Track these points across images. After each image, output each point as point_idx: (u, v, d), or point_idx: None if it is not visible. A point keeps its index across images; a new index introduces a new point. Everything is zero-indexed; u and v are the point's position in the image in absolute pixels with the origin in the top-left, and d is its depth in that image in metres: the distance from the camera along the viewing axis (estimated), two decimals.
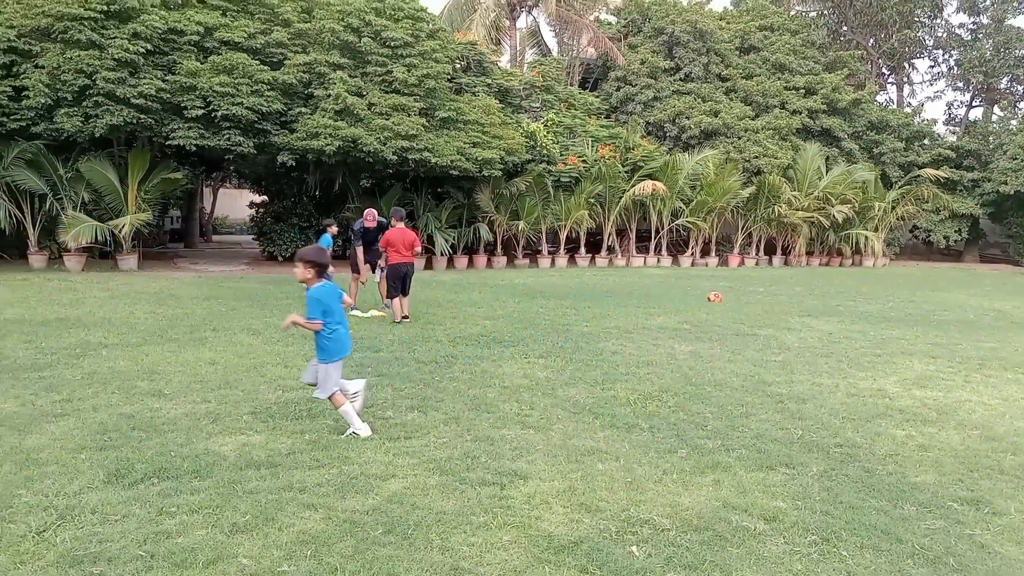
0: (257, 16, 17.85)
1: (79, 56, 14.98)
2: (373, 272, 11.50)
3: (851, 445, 5.37)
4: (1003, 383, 7.63)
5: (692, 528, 3.88)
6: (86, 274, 15.59)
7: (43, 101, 15.13)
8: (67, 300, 11.40)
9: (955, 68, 37.23)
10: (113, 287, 13.33)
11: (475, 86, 21.06)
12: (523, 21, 31.47)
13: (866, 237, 27.59)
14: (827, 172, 26.99)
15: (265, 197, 23.45)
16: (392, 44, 17.79)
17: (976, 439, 5.65)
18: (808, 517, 4.06)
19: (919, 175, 28.89)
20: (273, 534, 3.63)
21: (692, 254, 25.77)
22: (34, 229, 16.69)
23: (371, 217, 11.18)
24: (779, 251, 27.86)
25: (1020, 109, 35.07)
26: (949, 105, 42.58)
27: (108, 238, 16.57)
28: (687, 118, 25.82)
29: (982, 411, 6.48)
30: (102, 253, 17.28)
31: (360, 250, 11.15)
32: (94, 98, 15.17)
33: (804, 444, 5.34)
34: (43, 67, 15.25)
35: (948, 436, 5.70)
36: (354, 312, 10.77)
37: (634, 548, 3.64)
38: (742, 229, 26.72)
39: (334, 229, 11.98)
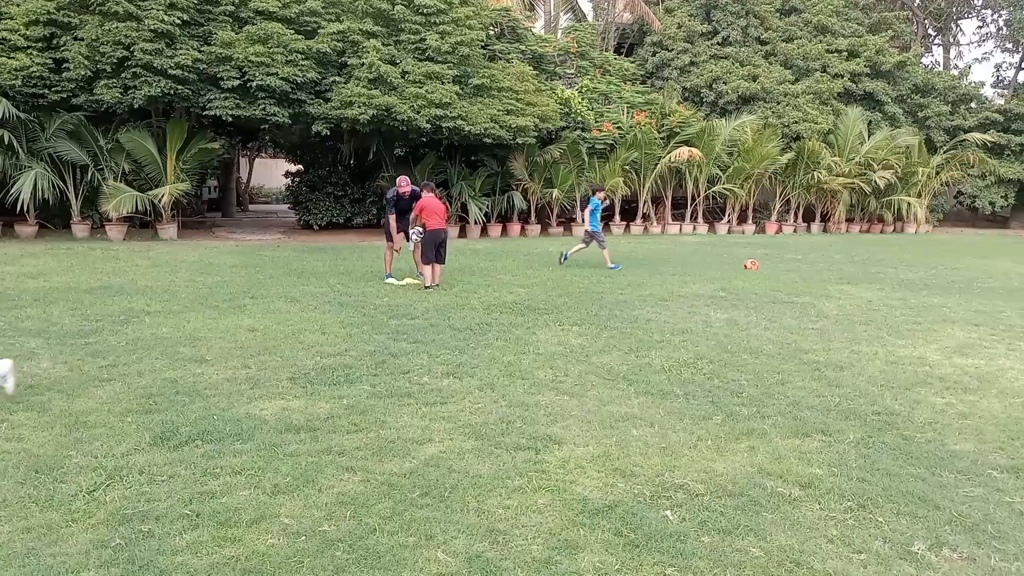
0: None
1: (117, 28, 15.13)
2: (407, 240, 11.53)
3: (889, 413, 5.31)
4: None
5: (726, 493, 3.89)
6: (128, 243, 15.90)
7: (83, 73, 15.33)
8: (110, 269, 11.65)
9: (1004, 29, 35.91)
10: (154, 256, 13.58)
11: (509, 53, 20.87)
12: None
13: (908, 203, 26.97)
14: (869, 137, 26.35)
15: (300, 167, 23.59)
16: (425, 11, 17.67)
17: (1018, 407, 5.55)
18: (844, 484, 4.05)
19: (965, 139, 28.08)
20: (313, 495, 3.72)
21: (728, 221, 25.44)
22: (76, 199, 17.00)
23: (404, 183, 11.18)
24: (818, 218, 27.35)
25: None
26: (998, 67, 41.15)
27: (148, 208, 16.83)
28: (724, 83, 25.34)
29: None
30: (142, 222, 17.57)
31: (393, 218, 11.16)
32: (132, 69, 15.34)
33: (841, 411, 5.30)
34: (82, 39, 15.43)
35: (989, 404, 5.61)
36: (389, 280, 10.87)
37: (668, 512, 3.66)
38: (780, 196, 26.28)
39: (600, 195, 14.11)
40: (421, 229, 10.66)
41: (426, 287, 10.24)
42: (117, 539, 3.25)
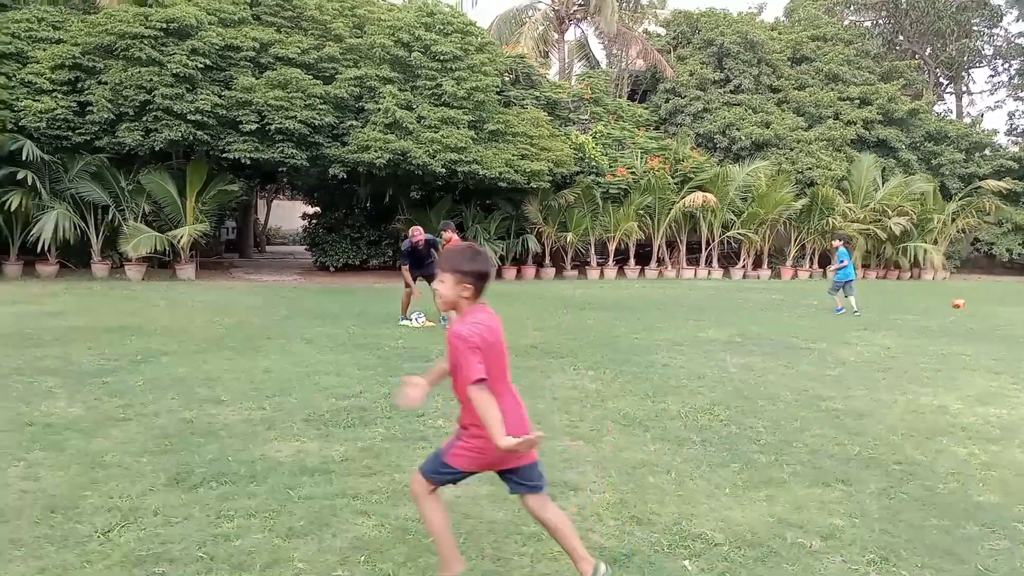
0: (310, 32, 18.27)
1: (140, 72, 15.51)
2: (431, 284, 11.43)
3: (911, 462, 5.23)
4: None
5: (746, 543, 3.82)
6: (146, 283, 16.05)
7: (106, 116, 15.68)
8: (129, 308, 11.74)
9: (1016, 77, 36.19)
10: (172, 296, 13.69)
11: (524, 98, 21.19)
12: (571, 34, 31.58)
13: (925, 250, 26.90)
14: (883, 183, 26.42)
15: (317, 208, 23.87)
16: (442, 58, 18.01)
17: None
18: (866, 535, 3.97)
19: (980, 187, 28.08)
20: (328, 539, 3.69)
21: (743, 266, 25.43)
22: (97, 239, 17.24)
23: (418, 233, 11.13)
24: (833, 263, 27.32)
25: None
26: (1011, 115, 41.32)
27: (167, 248, 17.04)
28: (737, 129, 25.55)
29: None
30: (161, 263, 17.78)
31: (406, 268, 11.10)
32: (154, 113, 15.68)
33: (861, 460, 5.22)
34: (106, 83, 15.81)
35: (1013, 454, 5.52)
36: (404, 322, 10.89)
37: (686, 562, 3.60)
38: (795, 241, 26.29)
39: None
40: None
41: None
42: None
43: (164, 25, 15.63)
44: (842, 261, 14.68)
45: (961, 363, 9.25)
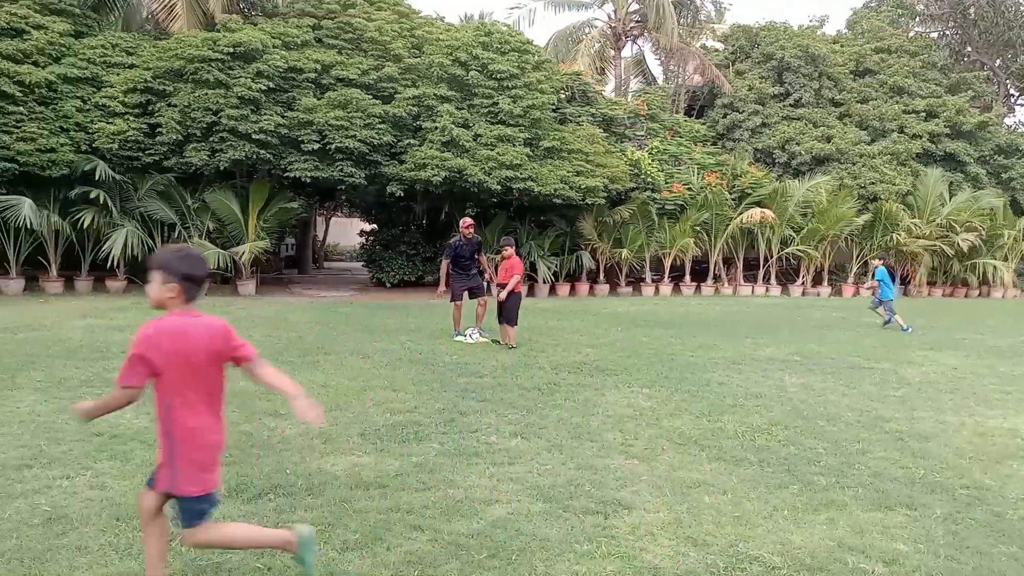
0: (370, 53, 18.63)
1: (207, 95, 16.03)
2: (470, 298, 11.37)
3: (979, 487, 5.05)
4: None
5: (805, 568, 3.73)
6: (208, 298, 16.48)
7: (174, 137, 16.23)
8: None
9: None
10: (233, 311, 14.04)
11: (579, 115, 21.21)
12: (628, 50, 31.54)
13: (995, 267, 25.98)
14: (951, 199, 25.64)
15: (375, 225, 24.23)
16: (498, 76, 18.16)
17: None
18: (931, 561, 3.84)
19: None
20: (382, 553, 3.72)
21: (803, 283, 24.92)
22: None
23: (465, 225, 11.11)
24: (898, 281, 26.56)
25: None
26: None
27: (229, 264, 17.50)
28: (797, 144, 25.12)
29: None
30: (223, 279, 18.25)
31: (447, 262, 11.12)
32: (220, 134, 16.18)
33: (927, 484, 5.06)
34: (175, 105, 16.38)
35: None
36: (458, 338, 10.95)
37: None
38: (857, 258, 25.66)
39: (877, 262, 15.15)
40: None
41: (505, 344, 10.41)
42: None
43: (231, 49, 16.16)
44: (880, 280, 14.69)
45: None
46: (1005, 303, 24.77)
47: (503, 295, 10.44)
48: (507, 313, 10.51)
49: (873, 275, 15.23)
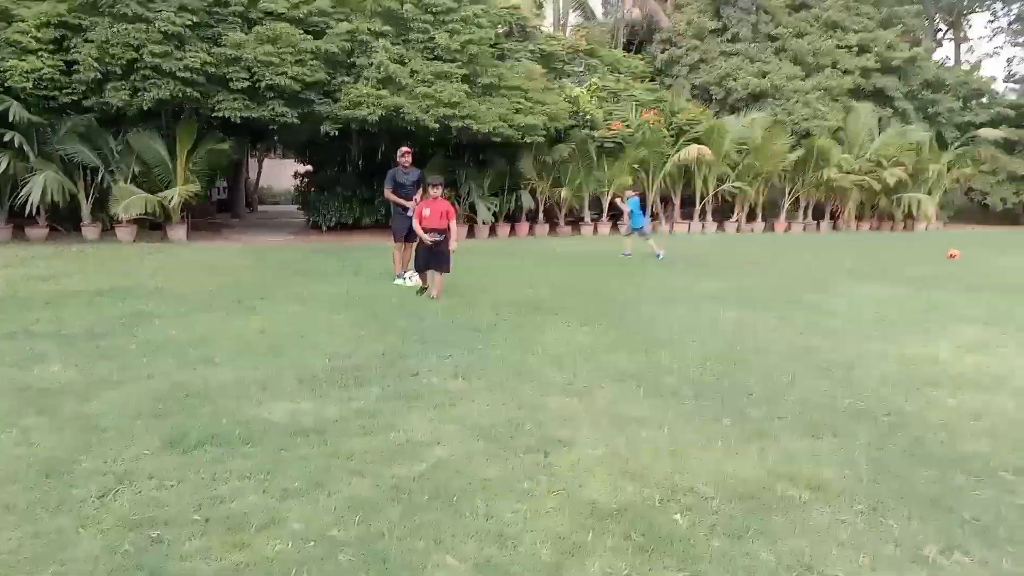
0: None
1: (127, 30, 15.20)
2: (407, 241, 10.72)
3: (901, 413, 5.28)
4: None
5: (736, 497, 3.86)
6: (138, 245, 15.97)
7: (93, 75, 15.40)
8: (120, 271, 11.70)
9: (1015, 23, 35.69)
10: (163, 257, 13.64)
11: (518, 51, 20.88)
12: None
13: (919, 201, 26.83)
14: (879, 134, 26.24)
15: (309, 167, 23.67)
16: (435, 10, 17.69)
17: None
18: (855, 486, 4.02)
19: (976, 136, 27.90)
20: (323, 500, 3.72)
21: (737, 220, 25.37)
22: (87, 201, 17.09)
23: (402, 153, 10.80)
24: (827, 216, 27.25)
25: None
26: (1009, 61, 40.94)
27: (158, 209, 16.91)
28: (734, 80, 25.29)
29: None
30: (152, 224, 17.65)
31: (390, 191, 10.67)
32: (142, 72, 15.41)
33: (852, 412, 5.27)
34: (92, 41, 15.49)
35: (1003, 403, 5.56)
36: (398, 281, 10.85)
37: (678, 516, 3.64)
38: (789, 194, 26.18)
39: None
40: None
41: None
42: (127, 545, 3.26)
43: None
44: (632, 210, 15.85)
45: (952, 313, 9.29)
46: (928, 235, 25.68)
47: (431, 240, 9.33)
48: (437, 258, 9.43)
49: (627, 204, 16.14)
